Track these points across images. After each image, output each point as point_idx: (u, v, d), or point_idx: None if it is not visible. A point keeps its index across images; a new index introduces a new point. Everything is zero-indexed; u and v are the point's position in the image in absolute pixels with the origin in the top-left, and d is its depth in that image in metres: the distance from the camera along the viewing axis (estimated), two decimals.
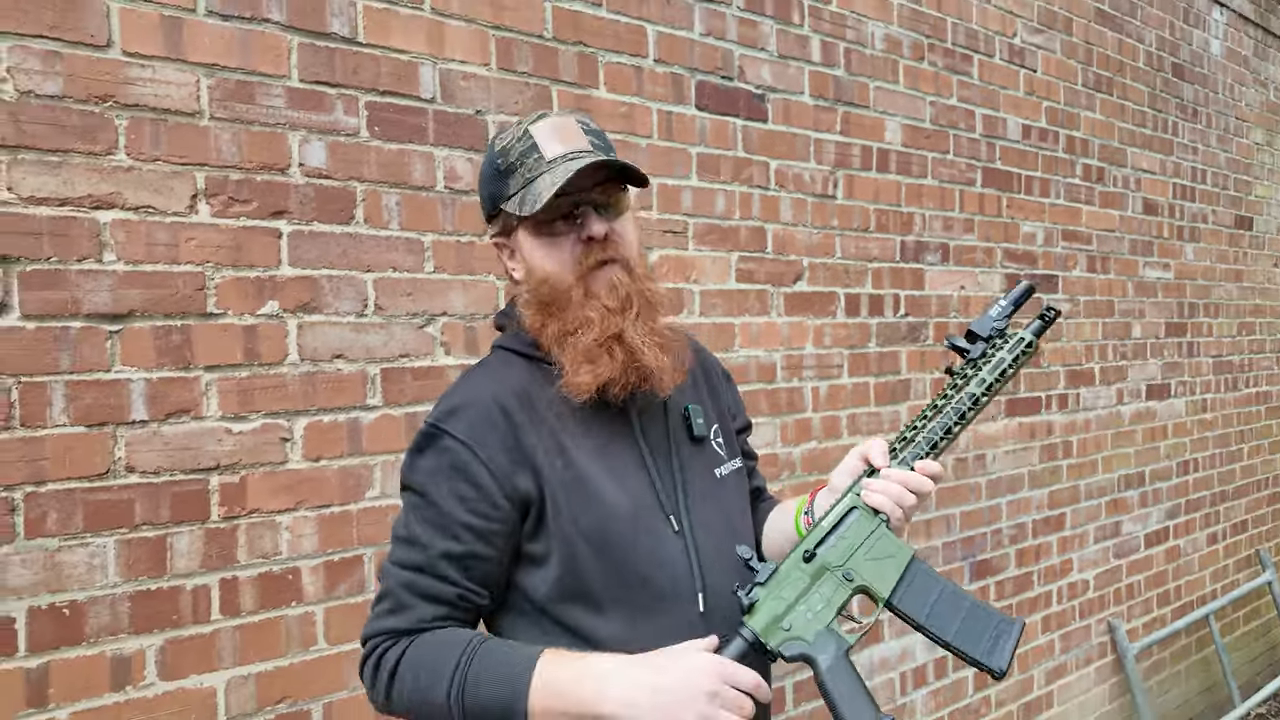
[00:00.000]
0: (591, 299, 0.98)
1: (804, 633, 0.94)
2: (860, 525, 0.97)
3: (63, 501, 1.28)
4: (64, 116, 1.29)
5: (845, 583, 0.95)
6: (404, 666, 0.94)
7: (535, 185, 0.98)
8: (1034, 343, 1.02)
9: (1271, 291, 4.20)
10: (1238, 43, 3.99)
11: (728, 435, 1.15)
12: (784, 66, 2.23)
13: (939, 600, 0.97)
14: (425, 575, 0.95)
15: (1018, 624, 0.97)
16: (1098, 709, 3.11)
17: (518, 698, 0.88)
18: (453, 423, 0.97)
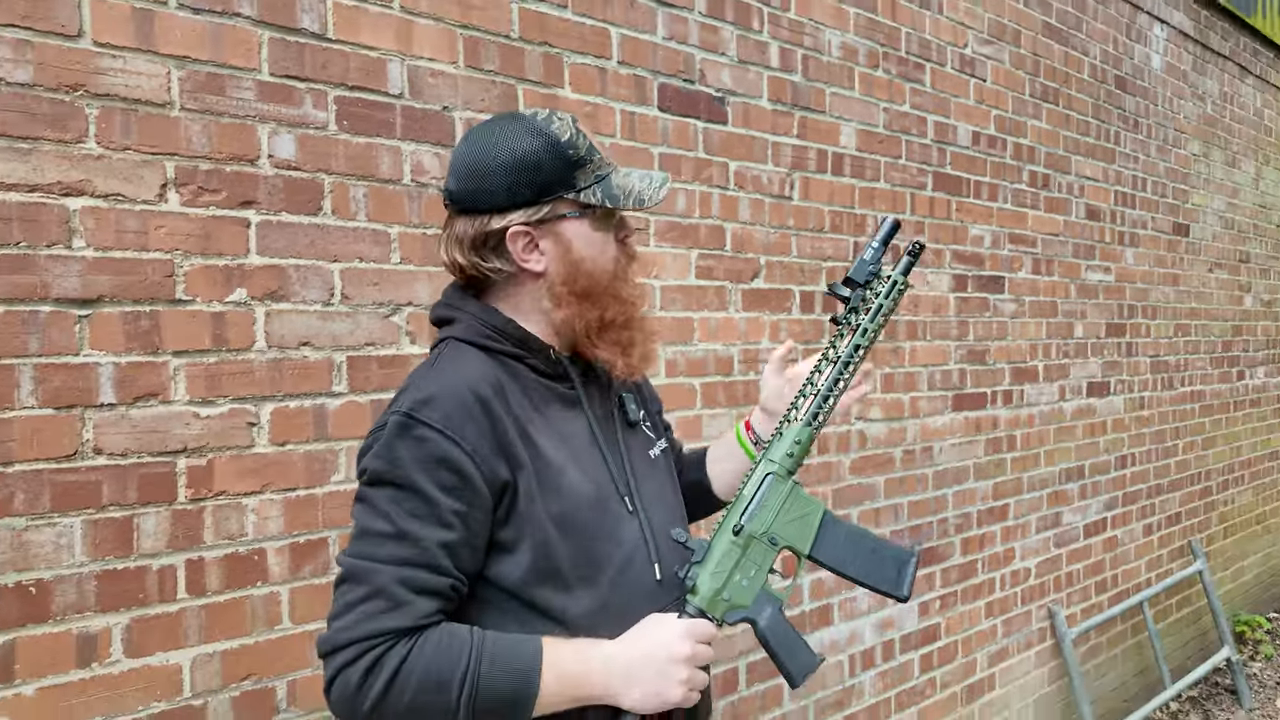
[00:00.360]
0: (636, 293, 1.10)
1: (742, 599, 1.05)
2: (776, 490, 1.08)
3: (30, 482, 1.30)
4: (34, 104, 1.31)
5: (771, 546, 1.07)
6: (406, 671, 0.91)
7: (618, 182, 1.06)
8: (905, 281, 1.12)
9: (1206, 295, 4.41)
10: (1177, 58, 4.19)
11: (653, 418, 1.25)
12: (744, 71, 2.31)
13: (848, 544, 1.10)
14: (421, 569, 0.93)
15: (914, 554, 1.11)
16: (1037, 691, 3.26)
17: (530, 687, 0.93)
18: (428, 412, 0.96)
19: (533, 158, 1.03)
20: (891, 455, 2.69)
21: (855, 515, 2.57)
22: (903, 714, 2.72)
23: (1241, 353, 4.75)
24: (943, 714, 2.86)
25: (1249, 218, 4.84)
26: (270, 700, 1.51)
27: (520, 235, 1.05)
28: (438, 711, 0.92)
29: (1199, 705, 3.95)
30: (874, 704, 2.63)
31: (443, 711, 0.92)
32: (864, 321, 1.10)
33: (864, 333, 1.10)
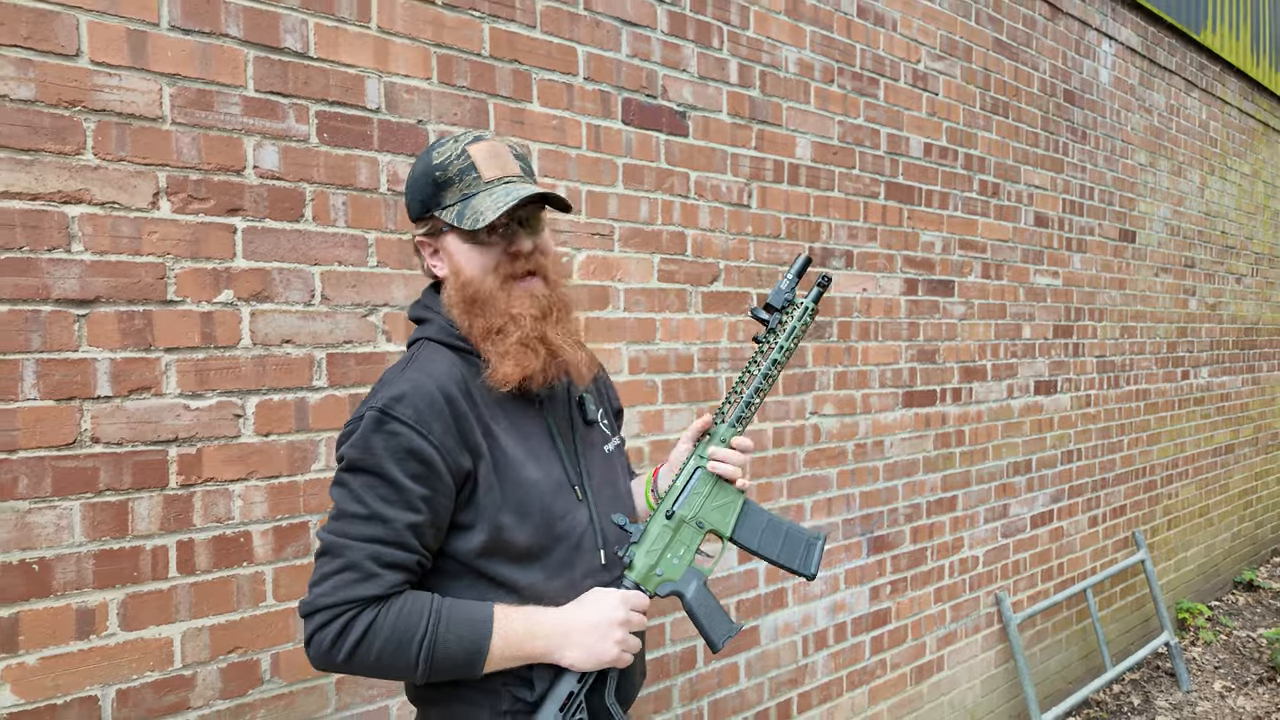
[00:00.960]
0: (516, 304, 1.15)
1: (672, 574, 1.21)
2: (703, 482, 1.24)
3: (33, 468, 1.41)
4: (36, 119, 1.42)
5: (698, 529, 1.23)
6: (373, 631, 1.05)
7: (475, 202, 1.13)
8: (813, 309, 1.28)
9: (1152, 299, 4.63)
10: (1125, 72, 4.39)
11: (609, 418, 1.38)
12: (704, 86, 2.45)
13: (764, 530, 1.25)
14: (390, 546, 1.07)
15: (821, 537, 1.27)
16: (984, 672, 3.44)
17: (480, 648, 1.07)
18: (401, 408, 1.08)
19: (417, 178, 1.20)
20: (844, 449, 2.85)
21: (809, 505, 2.73)
22: (854, 693, 2.88)
23: (1186, 353, 4.98)
24: (892, 693, 3.03)
25: (1194, 225, 5.08)
26: (255, 671, 1.63)
27: (423, 245, 1.22)
28: (400, 667, 1.07)
29: (1139, 687, 4.16)
30: (826, 682, 2.79)
31: (405, 667, 1.07)
32: (780, 341, 1.27)
33: (781, 350, 1.26)
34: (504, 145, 1.21)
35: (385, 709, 1.80)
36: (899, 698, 3.05)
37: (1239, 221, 5.62)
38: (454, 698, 1.17)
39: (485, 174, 1.15)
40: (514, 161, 1.19)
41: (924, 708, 3.15)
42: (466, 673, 1.09)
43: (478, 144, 1.18)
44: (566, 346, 1.17)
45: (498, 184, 1.14)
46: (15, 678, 1.39)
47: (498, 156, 1.18)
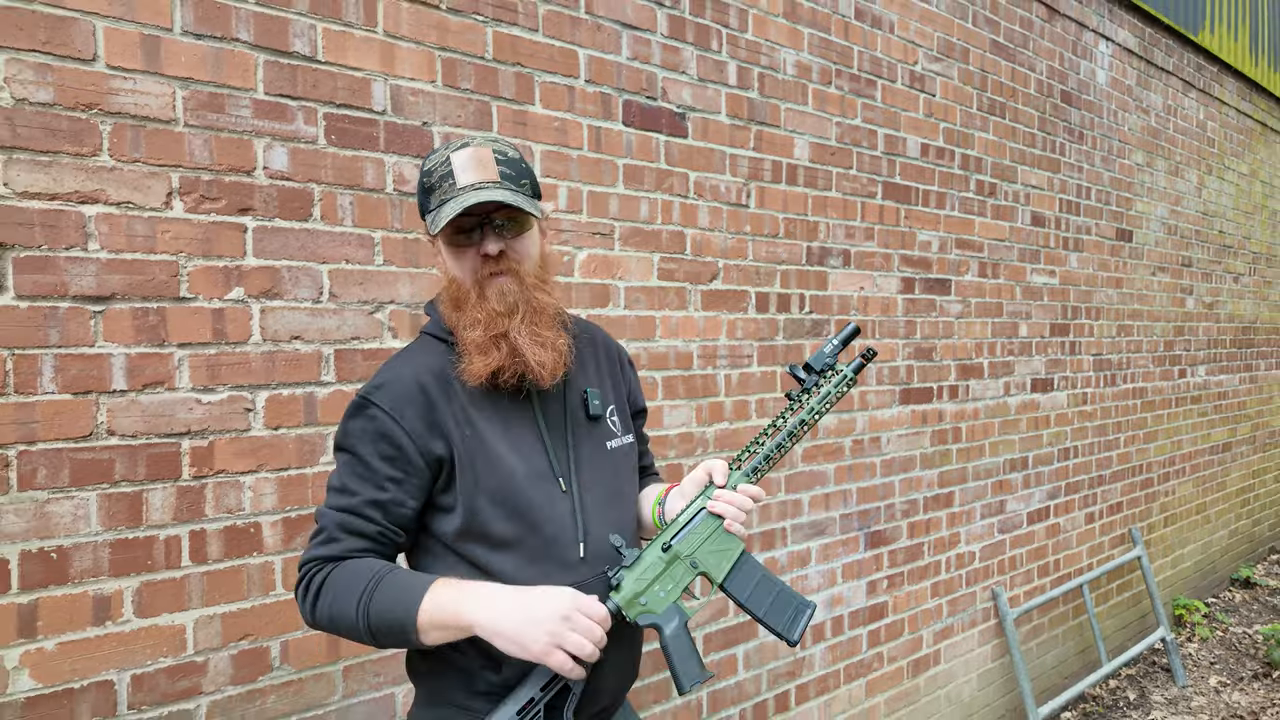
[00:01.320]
0: (484, 302, 1.20)
1: (656, 607, 1.22)
2: (706, 523, 1.25)
3: (51, 459, 1.46)
4: (54, 121, 1.47)
5: (691, 568, 1.24)
6: (326, 586, 1.15)
7: (444, 209, 1.18)
8: (853, 378, 1.31)
9: (1149, 297, 4.67)
10: (1122, 73, 4.43)
11: (623, 415, 1.39)
12: (703, 88, 2.49)
13: (757, 585, 1.25)
14: (353, 516, 1.17)
15: (810, 607, 1.26)
16: (981, 667, 3.48)
17: (410, 612, 1.10)
18: (379, 395, 1.19)
19: (417, 183, 1.27)
20: (841, 445, 2.90)
21: (806, 500, 2.77)
22: (851, 685, 2.93)
23: (1183, 351, 5.02)
24: (889, 686, 3.07)
25: (1192, 224, 5.11)
26: (265, 658, 1.67)
27: (430, 243, 1.30)
28: (347, 621, 1.13)
29: (1135, 682, 4.20)
30: (824, 675, 2.83)
31: (349, 622, 1.13)
32: (812, 403, 1.29)
33: (811, 412, 1.29)
34: (490, 151, 1.22)
35: (390, 696, 1.85)
36: (896, 691, 3.09)
37: (1236, 221, 5.65)
38: (437, 675, 1.24)
39: (460, 180, 1.19)
40: (495, 167, 1.21)
41: (920, 701, 3.20)
42: (404, 637, 1.12)
43: (462, 150, 1.21)
44: (527, 345, 1.18)
45: (468, 190, 1.17)
46: (34, 662, 1.44)
47: (478, 163, 1.20)
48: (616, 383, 1.40)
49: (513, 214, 1.22)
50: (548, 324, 1.23)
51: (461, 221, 1.20)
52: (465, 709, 1.21)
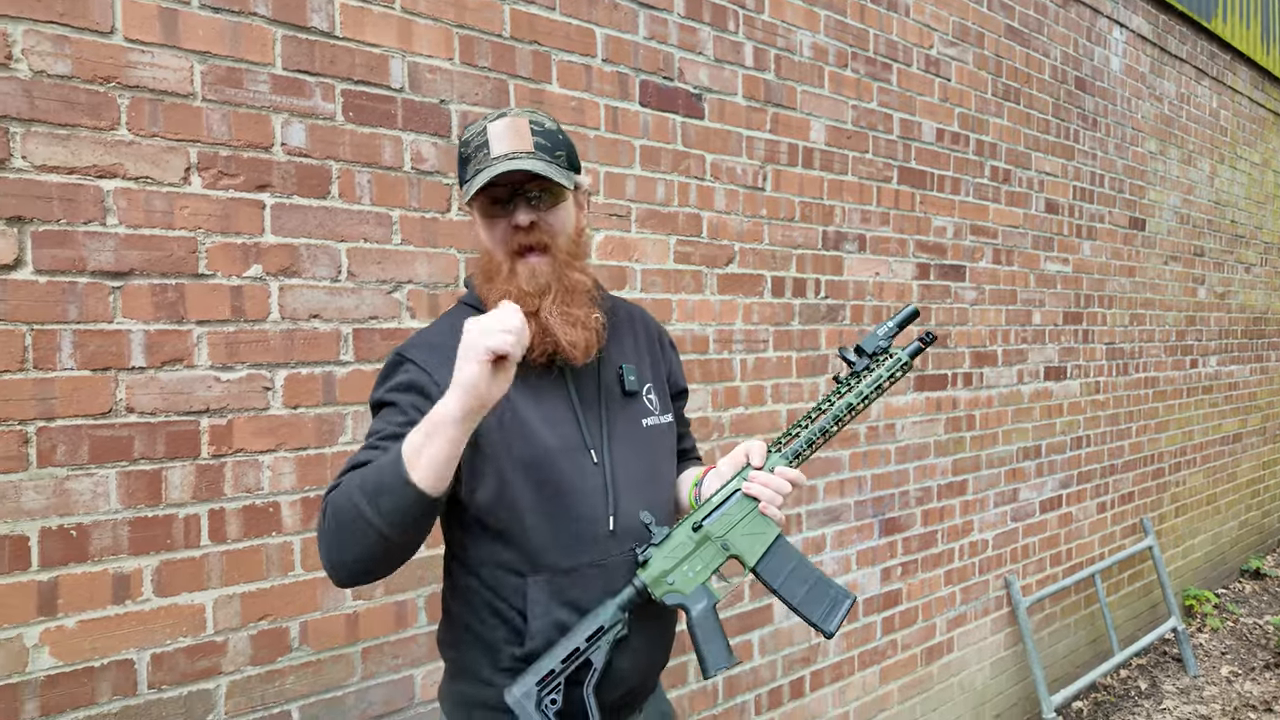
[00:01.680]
0: (514, 278, 1.18)
1: (684, 587, 1.19)
2: (740, 505, 1.21)
3: (70, 436, 1.44)
4: (72, 94, 1.45)
5: (722, 550, 1.20)
6: (328, 507, 1.07)
7: (476, 178, 1.16)
8: (909, 363, 1.24)
9: (1161, 286, 4.64)
10: (1135, 60, 4.39)
11: (662, 395, 1.36)
12: (719, 69, 2.47)
13: (792, 572, 1.20)
14: (370, 449, 1.10)
15: (850, 598, 1.20)
16: (993, 655, 3.47)
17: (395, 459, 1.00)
18: (414, 352, 1.19)
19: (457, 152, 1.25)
20: (856, 431, 2.88)
21: (821, 486, 2.76)
22: (865, 672, 2.91)
23: (1195, 341, 4.99)
24: (903, 673, 3.06)
25: (1204, 214, 5.08)
26: (285, 639, 1.66)
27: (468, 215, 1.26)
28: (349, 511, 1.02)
29: (1146, 672, 4.19)
30: (838, 662, 2.82)
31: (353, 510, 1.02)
32: (862, 386, 1.22)
33: (860, 397, 1.22)
34: (526, 121, 1.20)
35: (409, 678, 1.84)
36: (909, 678, 3.08)
37: (1249, 211, 5.62)
38: (463, 650, 1.23)
39: (494, 149, 1.17)
40: (530, 137, 1.19)
41: (934, 688, 3.18)
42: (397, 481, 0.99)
43: (499, 120, 1.20)
44: (558, 325, 1.17)
45: (501, 160, 1.15)
46: (54, 640, 1.43)
47: (514, 133, 1.18)
48: (656, 361, 1.37)
49: (546, 185, 1.20)
50: (580, 302, 1.21)
51: (495, 192, 1.18)
52: (489, 684, 1.19)
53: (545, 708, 1.10)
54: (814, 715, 2.73)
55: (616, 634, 1.16)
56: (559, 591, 1.17)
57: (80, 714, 1.45)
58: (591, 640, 1.14)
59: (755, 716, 2.56)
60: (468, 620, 1.21)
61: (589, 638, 1.14)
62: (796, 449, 1.23)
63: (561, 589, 1.17)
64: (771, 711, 2.61)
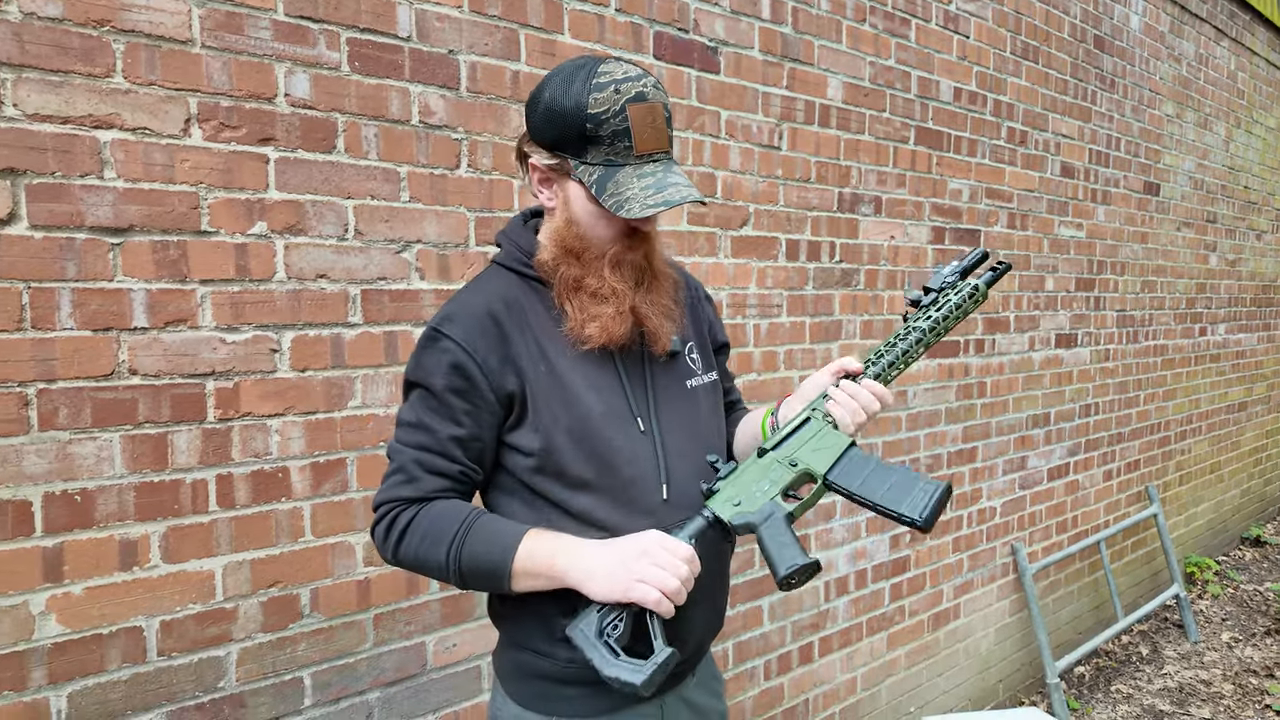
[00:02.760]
0: (617, 272, 1.12)
1: (751, 507, 1.12)
2: (810, 428, 1.15)
3: (72, 398, 1.39)
4: (64, 38, 1.37)
5: (790, 468, 1.13)
6: (412, 529, 1.11)
7: (621, 179, 1.06)
8: (983, 289, 1.19)
9: (1173, 253, 4.58)
10: (1155, 19, 4.28)
11: (704, 352, 1.31)
12: (735, 21, 2.38)
13: (870, 474, 1.11)
14: (433, 454, 1.11)
15: (941, 485, 1.09)
16: (999, 621, 3.48)
17: (505, 559, 1.07)
18: (450, 327, 1.12)
19: (559, 113, 1.07)
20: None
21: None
22: (873, 638, 2.91)
23: (1204, 309, 4.94)
24: (910, 639, 3.06)
25: (1218, 179, 5.00)
26: (295, 605, 1.63)
27: (536, 169, 1.15)
28: (435, 564, 1.11)
29: (1148, 638, 4.22)
30: (846, 628, 2.81)
31: (439, 565, 1.11)
32: (935, 313, 1.18)
33: (932, 320, 1.18)
34: (661, 105, 1.11)
35: (421, 645, 1.81)
36: (916, 644, 3.09)
37: (1262, 177, 5.53)
38: (517, 620, 1.20)
39: (638, 146, 1.07)
40: (665, 132, 1.11)
41: (940, 654, 3.19)
42: (495, 583, 1.09)
43: (638, 105, 1.07)
44: (652, 316, 1.16)
45: (647, 162, 1.08)
46: (61, 607, 1.39)
47: (654, 126, 1.09)
48: (696, 318, 1.32)
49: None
50: (667, 292, 1.19)
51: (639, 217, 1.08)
52: (546, 655, 1.17)
53: (606, 634, 1.05)
54: (822, 680, 2.74)
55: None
56: None
57: (90, 681, 1.42)
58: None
59: (765, 681, 2.56)
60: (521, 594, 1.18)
61: None
62: (880, 370, 1.18)
63: None
64: (781, 677, 2.61)
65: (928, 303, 1.20)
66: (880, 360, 1.19)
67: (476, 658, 1.90)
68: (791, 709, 2.64)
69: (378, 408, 1.72)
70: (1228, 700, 3.56)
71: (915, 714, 3.09)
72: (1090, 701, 3.58)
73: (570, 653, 1.14)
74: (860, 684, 2.87)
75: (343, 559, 1.69)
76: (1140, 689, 3.69)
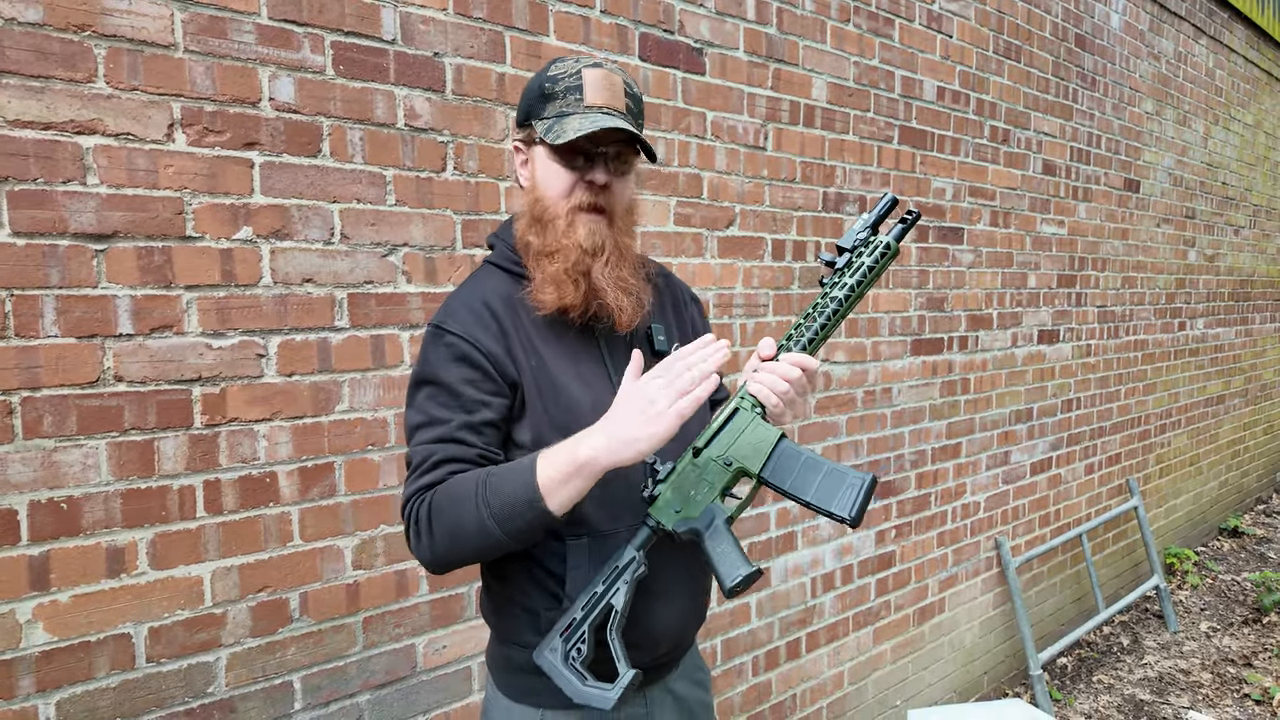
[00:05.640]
0: (572, 233, 1.13)
1: (693, 512, 1.12)
2: (740, 421, 1.13)
3: (57, 406, 1.39)
4: (45, 43, 1.36)
5: (725, 468, 1.13)
6: (435, 508, 1.07)
7: (567, 121, 1.11)
8: (893, 245, 1.16)
9: (1153, 249, 4.63)
10: (1135, 17, 4.32)
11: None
12: (720, 22, 2.38)
13: (801, 469, 1.11)
14: (448, 444, 1.10)
15: (867, 478, 1.10)
16: (983, 614, 3.52)
17: (530, 483, 1.03)
18: (451, 323, 1.15)
19: (531, 86, 1.18)
20: (853, 395, 2.86)
21: (818, 450, 2.75)
22: (859, 633, 2.95)
23: (1184, 304, 5.01)
24: (895, 634, 3.10)
25: (1196, 175, 5.06)
26: (285, 610, 1.63)
27: (517, 150, 1.21)
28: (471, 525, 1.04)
29: (1129, 628, 4.28)
30: (833, 623, 2.84)
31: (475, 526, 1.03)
32: (848, 279, 1.14)
33: (846, 288, 1.14)
34: (619, 78, 1.16)
35: (411, 648, 1.82)
36: (901, 638, 3.12)
37: (1239, 173, 5.61)
38: (506, 616, 1.21)
39: (588, 98, 1.12)
40: (623, 96, 1.15)
41: (925, 648, 3.23)
42: (534, 513, 1.03)
43: (595, 69, 1.15)
44: (610, 289, 1.14)
45: (596, 110, 1.11)
46: (48, 615, 1.39)
47: (609, 86, 1.14)
48: (682, 319, 1.34)
49: (625, 152, 1.16)
50: (631, 269, 1.18)
51: (576, 142, 1.11)
52: (532, 648, 1.18)
53: (571, 659, 1.07)
54: (809, 675, 2.77)
55: (635, 573, 1.10)
56: (598, 555, 1.15)
57: (79, 689, 1.41)
58: (609, 583, 1.10)
59: (753, 677, 2.59)
60: (508, 587, 1.19)
61: (605, 579, 1.11)
62: (800, 343, 1.15)
63: (600, 552, 1.15)
64: (769, 673, 2.64)
65: (842, 264, 1.16)
66: (801, 338, 1.15)
67: (466, 659, 1.90)
68: (779, 704, 2.67)
69: (365, 411, 1.73)
70: (1206, 689, 3.63)
71: (901, 707, 3.13)
72: (1072, 692, 3.64)
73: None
74: (847, 678, 2.90)
75: (332, 563, 1.69)
76: (1121, 679, 3.75)
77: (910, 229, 1.20)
